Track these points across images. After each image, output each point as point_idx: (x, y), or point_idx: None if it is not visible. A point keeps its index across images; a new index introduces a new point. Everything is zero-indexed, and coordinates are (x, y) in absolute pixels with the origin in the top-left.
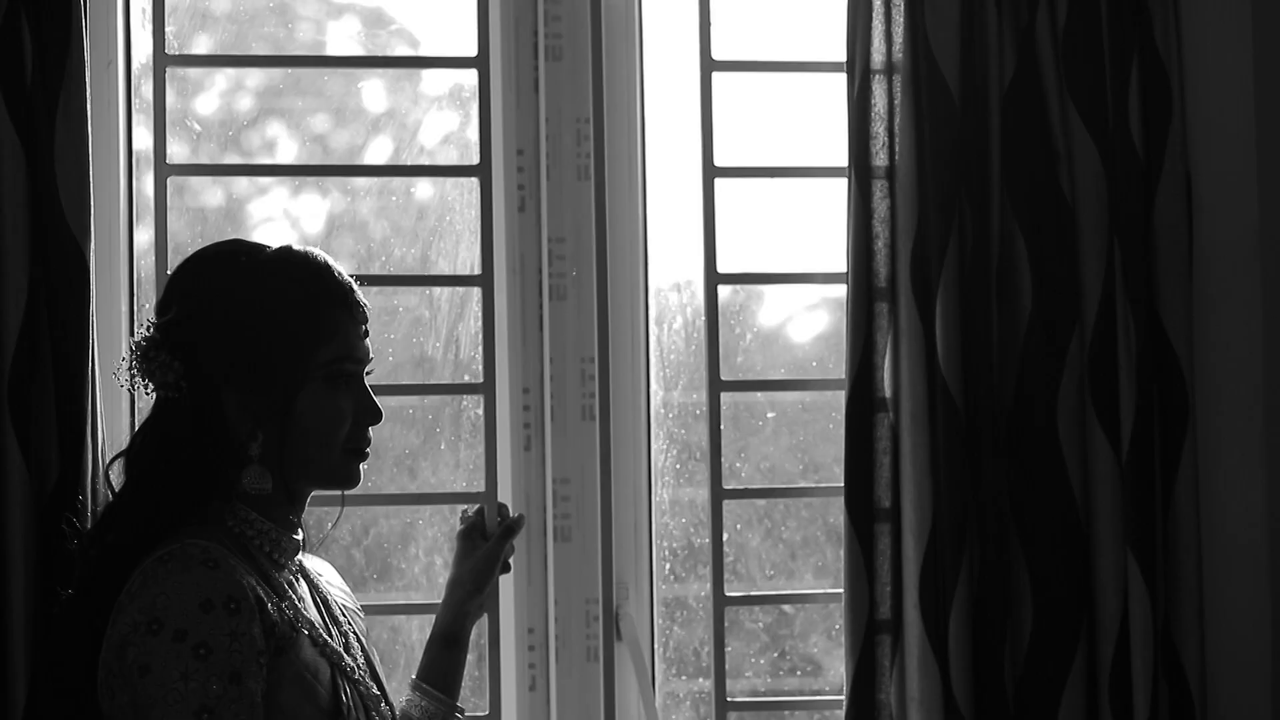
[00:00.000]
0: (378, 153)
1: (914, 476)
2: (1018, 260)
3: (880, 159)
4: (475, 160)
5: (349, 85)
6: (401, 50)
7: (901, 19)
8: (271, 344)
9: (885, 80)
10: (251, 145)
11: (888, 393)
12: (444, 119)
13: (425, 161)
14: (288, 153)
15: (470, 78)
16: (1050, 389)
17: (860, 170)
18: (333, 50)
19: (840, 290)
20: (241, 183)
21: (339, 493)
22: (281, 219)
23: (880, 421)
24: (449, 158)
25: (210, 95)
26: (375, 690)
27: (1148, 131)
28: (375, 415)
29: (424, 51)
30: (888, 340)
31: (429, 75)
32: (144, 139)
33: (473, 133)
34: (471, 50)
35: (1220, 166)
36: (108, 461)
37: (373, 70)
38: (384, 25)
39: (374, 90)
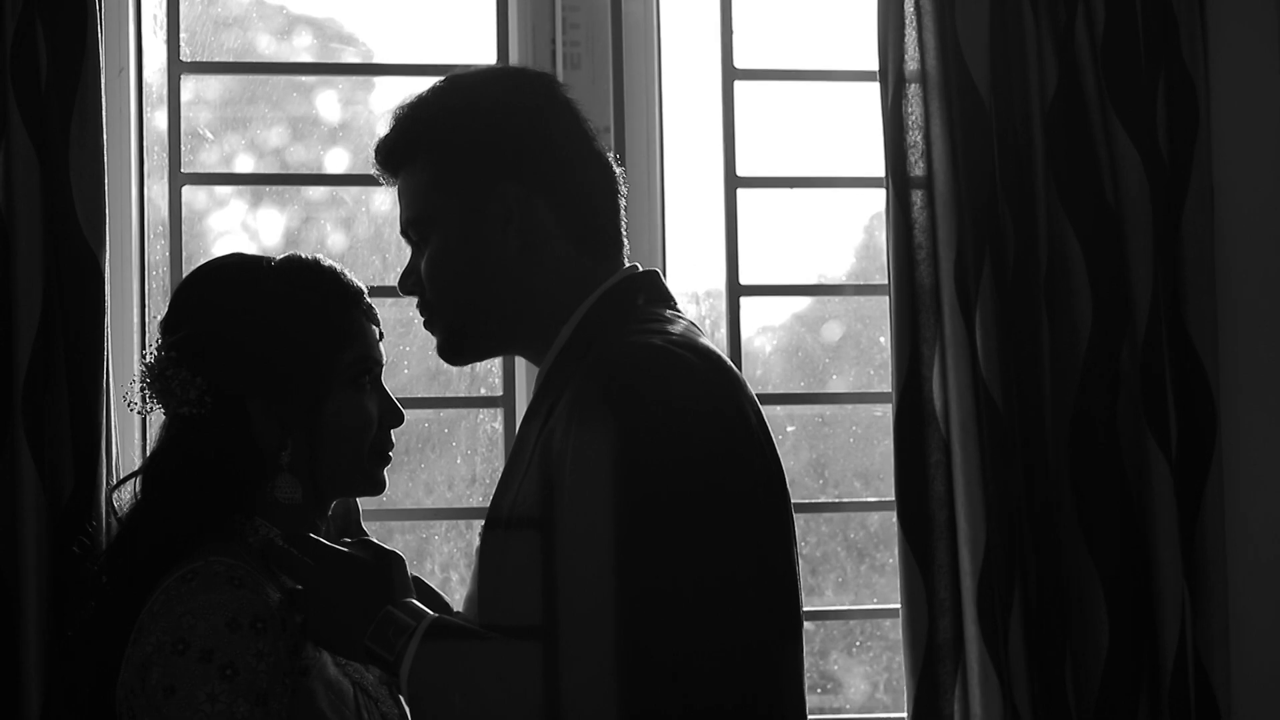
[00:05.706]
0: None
1: (966, 489)
2: (1072, 267)
3: (919, 169)
4: None
5: (361, 93)
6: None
7: (932, 25)
8: (298, 350)
9: (921, 88)
10: (237, 156)
11: (937, 405)
12: None
13: None
14: (244, 164)
15: None
16: (1109, 398)
17: (898, 180)
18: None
19: (853, 303)
20: (244, 194)
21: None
22: (306, 230)
23: (931, 435)
24: None
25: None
26: (396, 709)
27: (1174, 143)
28: (398, 416)
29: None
30: (934, 352)
31: None
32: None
33: None
34: (491, 58)
35: (1245, 179)
36: (113, 484)
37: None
38: (398, 32)
39: (382, 98)
